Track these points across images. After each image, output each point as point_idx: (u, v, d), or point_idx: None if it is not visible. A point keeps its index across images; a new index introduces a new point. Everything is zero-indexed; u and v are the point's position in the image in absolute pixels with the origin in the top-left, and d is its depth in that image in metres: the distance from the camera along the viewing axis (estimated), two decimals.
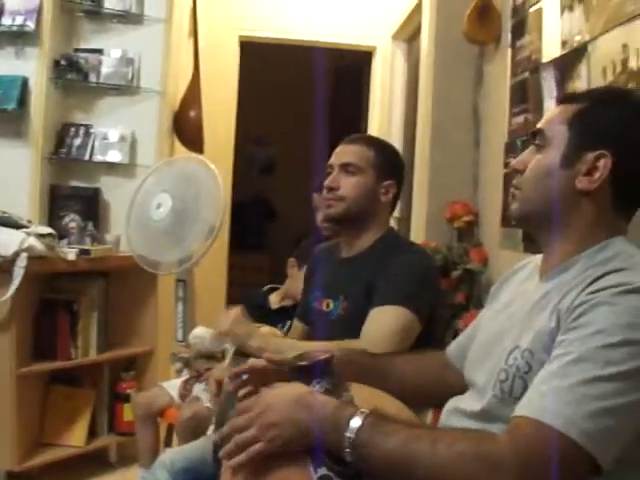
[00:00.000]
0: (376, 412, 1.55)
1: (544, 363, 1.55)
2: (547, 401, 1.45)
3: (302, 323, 3.07)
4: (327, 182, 2.82)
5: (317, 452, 1.55)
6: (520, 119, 3.72)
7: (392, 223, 3.82)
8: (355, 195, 2.78)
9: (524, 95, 3.70)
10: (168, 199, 3.79)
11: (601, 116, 1.74)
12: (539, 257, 1.90)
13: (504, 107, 3.98)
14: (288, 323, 3.55)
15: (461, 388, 1.96)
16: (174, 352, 3.73)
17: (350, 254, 2.85)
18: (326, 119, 7.72)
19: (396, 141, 5.96)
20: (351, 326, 2.59)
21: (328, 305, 2.79)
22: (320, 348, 2.23)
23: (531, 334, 1.66)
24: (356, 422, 1.52)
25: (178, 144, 5.33)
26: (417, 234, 4.66)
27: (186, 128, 5.31)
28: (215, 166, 3.85)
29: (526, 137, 3.56)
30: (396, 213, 5.14)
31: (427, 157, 4.62)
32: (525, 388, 1.58)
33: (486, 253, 4.18)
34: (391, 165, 2.88)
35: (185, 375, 3.60)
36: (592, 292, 1.55)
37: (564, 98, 1.89)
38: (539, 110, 3.43)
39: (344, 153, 2.84)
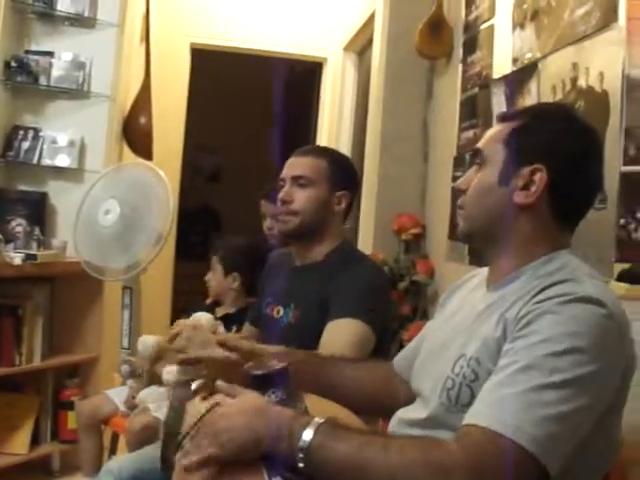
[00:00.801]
0: (330, 420, 1.55)
1: (490, 371, 1.58)
2: (496, 409, 1.47)
3: (253, 327, 3.07)
4: (280, 196, 2.81)
5: (272, 461, 1.55)
6: (469, 134, 3.77)
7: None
8: (308, 208, 2.78)
9: (474, 110, 3.74)
10: (116, 205, 3.77)
11: (535, 131, 1.77)
12: (486, 270, 1.93)
13: (454, 122, 4.02)
14: (234, 328, 3.56)
15: (406, 399, 1.97)
16: (121, 357, 3.69)
17: (303, 263, 2.86)
18: (275, 129, 7.73)
19: (345, 152, 5.97)
20: (300, 334, 2.60)
21: (279, 312, 2.79)
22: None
23: (477, 342, 1.68)
24: (310, 430, 1.52)
25: (127, 150, 5.30)
26: (365, 245, 4.67)
27: (135, 134, 5.28)
28: (163, 173, 3.83)
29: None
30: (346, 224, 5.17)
31: (376, 169, 4.64)
32: (472, 396, 1.61)
33: (432, 265, 4.21)
34: (344, 175, 2.89)
35: (131, 384, 3.56)
36: (538, 302, 1.58)
37: (503, 117, 1.91)
38: (488, 125, 3.46)
39: (296, 165, 2.84)
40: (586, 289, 1.58)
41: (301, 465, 1.51)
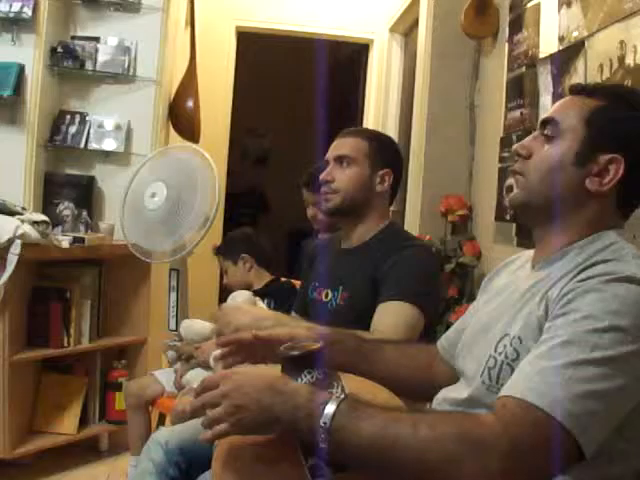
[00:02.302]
0: (351, 397, 1.53)
1: (538, 342, 1.55)
2: (533, 382, 1.45)
3: (299, 315, 3.08)
4: (322, 175, 2.83)
5: (302, 440, 1.55)
6: (516, 114, 3.73)
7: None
8: (350, 186, 2.79)
9: (520, 90, 3.70)
10: (163, 188, 3.78)
11: (619, 118, 1.72)
12: (531, 251, 1.90)
13: (500, 102, 3.98)
14: (266, 302, 3.64)
15: (448, 382, 1.95)
16: (166, 341, 3.72)
17: (350, 245, 2.87)
18: (322, 111, 7.72)
19: (392, 134, 5.95)
20: (350, 316, 2.61)
21: (327, 295, 2.80)
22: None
23: (520, 321, 1.66)
24: (330, 408, 1.49)
25: (173, 133, 5.32)
26: (411, 227, 4.66)
27: (181, 118, 5.30)
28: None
29: (521, 132, 3.57)
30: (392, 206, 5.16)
31: (422, 151, 4.63)
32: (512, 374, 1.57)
33: (479, 247, 4.19)
34: (386, 154, 2.89)
35: (177, 366, 3.59)
36: (581, 280, 1.56)
37: (579, 89, 1.84)
38: (535, 105, 3.44)
39: (338, 146, 2.87)
40: (630, 269, 1.55)
41: (323, 446, 1.48)
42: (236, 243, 4.08)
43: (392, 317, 2.55)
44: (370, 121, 6.64)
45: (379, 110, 6.53)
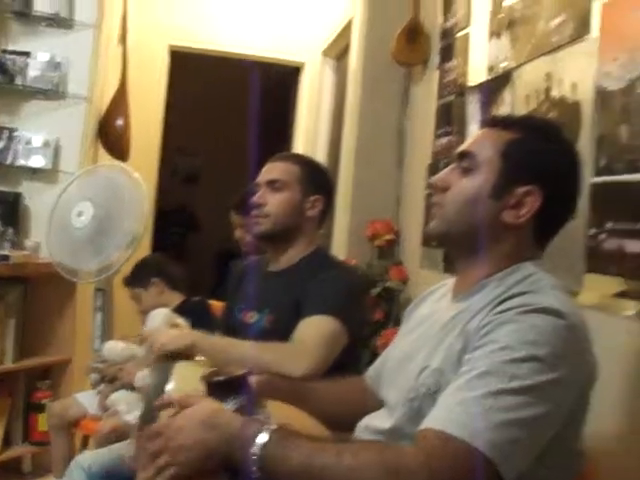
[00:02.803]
0: (282, 427, 1.54)
1: (457, 375, 1.57)
2: (454, 413, 1.47)
3: (224, 334, 3.07)
4: (254, 199, 2.84)
5: (234, 470, 1.54)
6: (444, 141, 3.78)
7: None
8: (281, 211, 2.80)
9: (449, 117, 3.76)
10: (90, 207, 3.77)
11: (535, 150, 1.76)
12: (453, 280, 1.93)
13: (429, 128, 4.04)
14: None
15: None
16: (89, 363, 3.69)
17: (277, 268, 2.87)
18: (254, 133, 7.72)
19: (321, 157, 5.98)
20: (275, 339, 2.60)
21: (252, 317, 2.80)
22: (254, 346, 2.38)
23: (441, 353, 1.69)
24: (262, 438, 1.50)
25: (102, 151, 5.27)
26: (338, 251, 4.68)
27: (111, 136, 5.24)
28: (139, 174, 3.83)
29: (448, 159, 3.62)
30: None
31: (351, 175, 4.66)
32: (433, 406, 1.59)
33: (406, 272, 4.22)
34: (318, 180, 2.91)
35: (101, 388, 3.56)
36: (499, 312, 1.60)
37: (495, 121, 1.88)
38: (463, 133, 3.50)
39: (270, 171, 2.88)
40: (547, 300, 1.59)
41: (255, 475, 1.49)
42: (145, 269, 4.03)
43: (313, 329, 2.54)
44: (300, 144, 6.66)
45: (310, 132, 6.56)
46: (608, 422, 2.15)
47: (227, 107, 8.83)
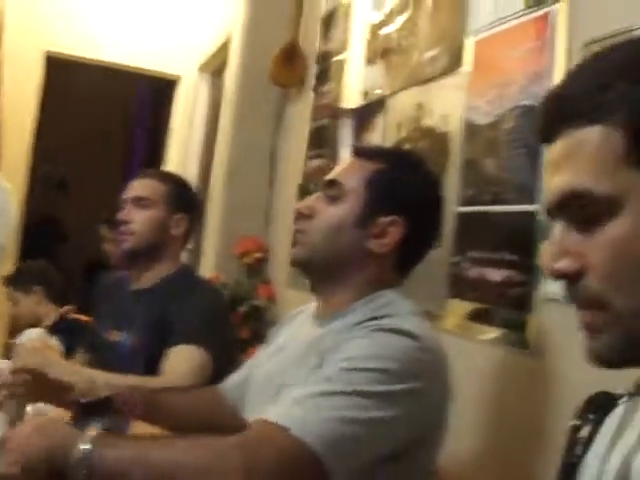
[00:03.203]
0: (106, 433, 1.56)
1: None
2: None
3: (89, 354, 3.04)
4: (119, 216, 2.82)
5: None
6: (315, 163, 3.83)
7: (184, 255, 3.85)
8: (146, 228, 2.79)
9: (321, 140, 3.81)
10: None
11: (399, 182, 1.81)
12: (314, 305, 1.98)
13: (302, 150, 4.08)
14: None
15: (235, 424, 1.99)
16: None
17: (140, 287, 2.85)
18: (128, 144, 7.68)
19: (193, 173, 5.98)
20: (138, 358, 2.60)
21: (117, 336, 2.78)
22: (119, 381, 2.25)
23: (302, 374, 1.72)
24: (85, 444, 1.51)
25: None
26: (207, 267, 4.69)
27: None
28: (9, 183, 3.77)
29: (318, 181, 3.66)
30: (189, 244, 5.14)
31: (222, 191, 4.67)
32: None
33: (274, 290, 4.25)
34: (183, 199, 2.92)
35: None
36: (350, 331, 1.67)
37: (361, 152, 1.93)
38: (334, 156, 3.55)
39: (136, 188, 2.87)
40: (400, 323, 1.65)
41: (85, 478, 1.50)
42: (29, 274, 3.99)
43: (181, 362, 2.55)
44: (173, 157, 6.64)
45: (183, 147, 6.54)
46: (465, 442, 2.22)
47: (103, 116, 8.73)
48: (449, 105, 2.59)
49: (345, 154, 3.41)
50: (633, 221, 0.87)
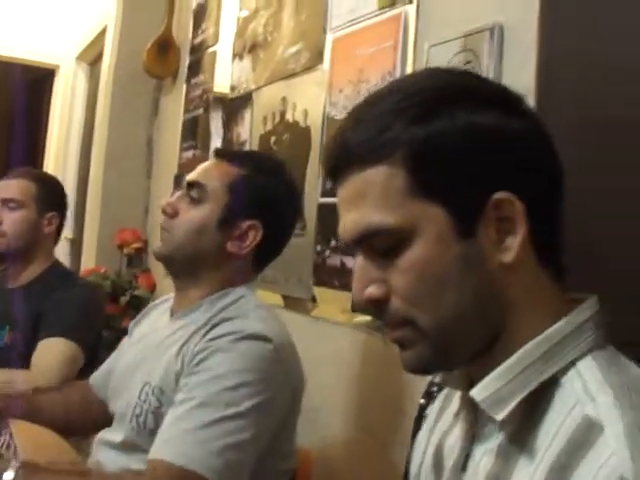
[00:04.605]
0: (28, 464, 1.62)
1: (172, 401, 1.73)
2: (178, 444, 1.62)
3: None
4: None
5: None
6: (189, 154, 3.89)
7: (66, 245, 3.87)
8: (18, 230, 2.82)
9: (194, 132, 3.87)
10: None
11: (259, 188, 1.90)
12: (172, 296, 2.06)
13: (176, 141, 4.13)
14: None
15: (104, 417, 2.06)
16: None
17: (16, 285, 2.89)
18: (5, 134, 7.57)
19: (72, 164, 5.95)
20: (17, 356, 2.63)
21: None
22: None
23: (161, 371, 1.82)
24: (9, 475, 1.57)
25: None
26: (88, 259, 4.71)
27: None
28: None
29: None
30: (69, 234, 5.15)
31: (100, 183, 4.69)
32: (157, 422, 1.74)
33: (154, 280, 4.30)
34: (53, 197, 2.96)
35: None
36: (210, 339, 1.76)
37: (222, 154, 2.01)
38: (207, 147, 3.61)
39: (5, 189, 2.89)
40: (253, 325, 1.76)
41: None
42: None
43: (51, 354, 2.59)
44: (53, 148, 6.58)
45: (62, 138, 6.49)
46: (335, 422, 2.34)
47: None
48: (311, 100, 2.68)
49: (216, 145, 3.48)
50: (425, 246, 0.96)
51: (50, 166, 6.36)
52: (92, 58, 6.27)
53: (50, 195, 2.94)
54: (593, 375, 0.93)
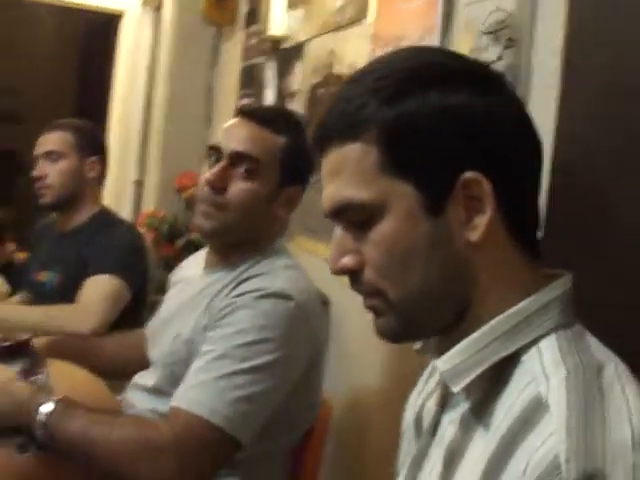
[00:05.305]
0: (65, 399, 1.76)
1: (199, 353, 1.83)
2: (196, 393, 1.74)
3: (26, 294, 3.20)
4: (34, 173, 2.96)
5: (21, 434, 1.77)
6: (245, 102, 3.96)
7: (130, 186, 3.97)
8: (62, 180, 2.94)
9: (251, 80, 3.93)
10: None
11: (302, 155, 1.96)
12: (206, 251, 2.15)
13: (234, 88, 4.20)
14: None
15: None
16: None
17: (66, 229, 3.01)
18: (76, 77, 7.71)
19: (137, 109, 6.03)
20: (65, 296, 2.75)
21: (44, 277, 2.93)
22: (44, 312, 2.57)
23: (191, 323, 1.93)
24: (46, 408, 1.71)
25: None
26: (148, 201, 4.82)
27: None
28: None
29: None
30: (134, 177, 5.27)
31: (161, 127, 4.80)
32: (185, 372, 1.84)
33: None
34: (91, 143, 3.07)
35: None
36: (235, 296, 1.85)
37: (251, 114, 2.02)
38: (260, 96, 3.68)
39: (45, 142, 3.01)
40: (277, 284, 1.85)
41: (41, 438, 1.71)
42: None
43: (97, 289, 2.70)
44: (119, 93, 6.65)
45: (127, 85, 6.56)
46: (366, 372, 2.42)
47: (49, 51, 8.72)
48: (357, 53, 2.72)
49: (269, 95, 3.54)
50: (395, 221, 1.01)
51: (116, 110, 6.47)
52: (157, 4, 6.30)
53: (88, 141, 3.04)
54: (552, 354, 0.96)
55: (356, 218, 1.04)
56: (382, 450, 2.22)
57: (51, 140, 2.99)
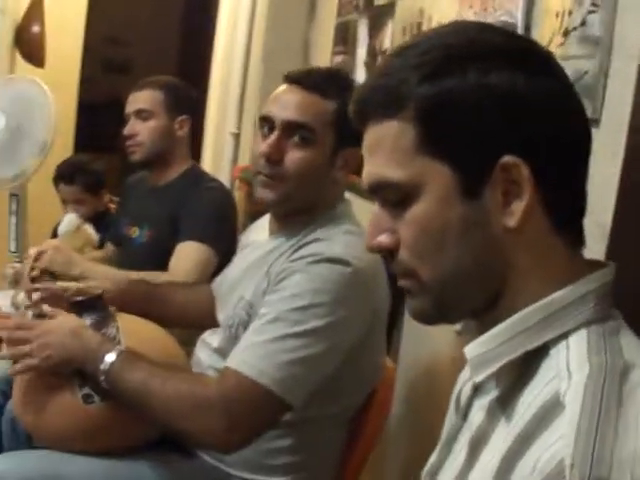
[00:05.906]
0: (130, 351, 1.86)
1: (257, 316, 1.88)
2: (247, 355, 1.79)
3: (114, 246, 3.31)
4: (125, 131, 3.05)
5: (83, 375, 1.89)
6: (339, 59, 3.95)
7: (230, 139, 4.03)
8: (152, 137, 3.02)
9: (345, 37, 3.92)
10: (2, 117, 3.90)
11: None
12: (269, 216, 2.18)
13: (329, 44, 4.19)
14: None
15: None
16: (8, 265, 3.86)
17: (157, 185, 3.11)
18: (180, 31, 7.81)
19: (238, 62, 6.05)
20: (154, 253, 2.85)
21: (134, 232, 3.03)
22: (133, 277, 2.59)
23: (252, 287, 1.99)
24: (110, 357, 1.81)
25: (19, 58, 5.33)
26: (244, 155, 4.88)
27: (27, 44, 5.30)
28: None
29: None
30: (234, 129, 5.31)
31: (259, 84, 4.81)
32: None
33: None
34: (181, 101, 3.15)
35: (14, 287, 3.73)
36: (292, 260, 1.89)
37: (298, 80, 2.02)
38: (353, 54, 3.67)
39: (135, 101, 3.10)
40: (334, 249, 1.87)
41: (104, 385, 1.82)
42: (72, 167, 4.18)
43: (187, 257, 2.81)
44: (220, 47, 6.69)
45: (229, 35, 6.59)
46: (440, 342, 2.44)
47: (156, 3, 8.83)
48: (444, 13, 2.68)
49: (362, 54, 3.53)
50: (429, 202, 1.01)
51: (217, 64, 6.51)
52: None
53: (177, 99, 3.10)
54: (579, 350, 0.94)
55: (392, 197, 1.05)
56: None
57: (141, 98, 3.06)
